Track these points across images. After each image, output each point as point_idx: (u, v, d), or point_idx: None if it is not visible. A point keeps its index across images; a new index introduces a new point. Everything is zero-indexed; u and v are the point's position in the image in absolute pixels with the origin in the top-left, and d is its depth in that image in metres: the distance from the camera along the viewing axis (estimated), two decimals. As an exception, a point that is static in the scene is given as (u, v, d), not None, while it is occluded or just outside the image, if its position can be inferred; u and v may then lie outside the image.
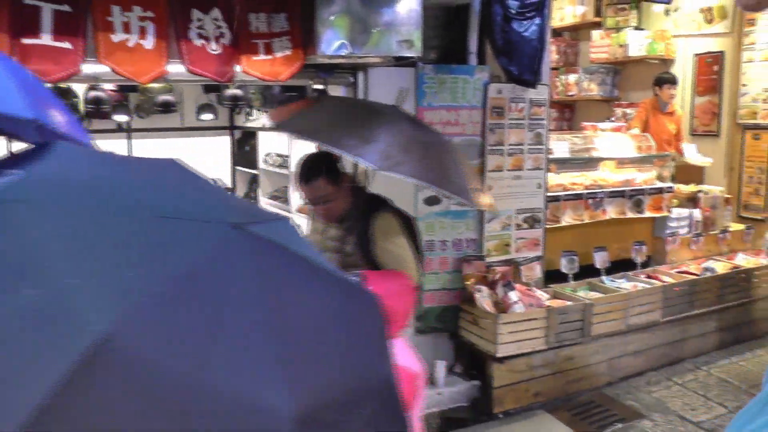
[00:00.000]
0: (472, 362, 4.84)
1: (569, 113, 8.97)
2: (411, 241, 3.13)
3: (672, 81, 7.01)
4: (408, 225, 3.20)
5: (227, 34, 3.70)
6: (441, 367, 4.75)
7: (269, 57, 3.81)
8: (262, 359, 0.94)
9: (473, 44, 4.73)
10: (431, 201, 4.71)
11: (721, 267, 5.96)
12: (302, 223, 5.25)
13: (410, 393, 2.04)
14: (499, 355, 4.51)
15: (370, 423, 1.10)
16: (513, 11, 4.45)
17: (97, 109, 5.59)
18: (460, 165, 3.02)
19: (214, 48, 3.66)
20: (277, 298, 1.03)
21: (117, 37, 3.38)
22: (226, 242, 1.00)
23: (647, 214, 5.94)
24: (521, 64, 4.50)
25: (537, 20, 4.53)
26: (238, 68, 3.81)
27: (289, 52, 3.87)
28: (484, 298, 4.66)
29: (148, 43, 3.47)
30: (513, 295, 4.61)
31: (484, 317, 4.58)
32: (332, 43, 3.75)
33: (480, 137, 4.79)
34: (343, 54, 3.80)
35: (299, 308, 1.06)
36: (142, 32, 3.44)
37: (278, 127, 3.37)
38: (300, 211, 5.73)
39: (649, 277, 5.64)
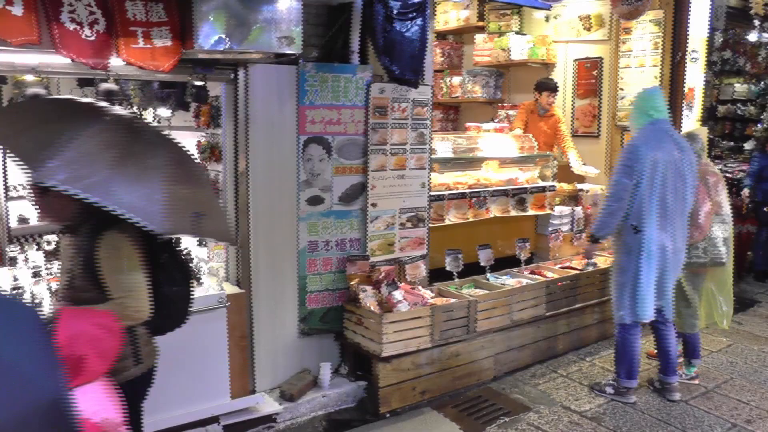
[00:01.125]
0: (358, 363, 4.82)
1: (454, 114, 9.08)
2: (158, 267, 2.75)
3: (552, 89, 7.23)
4: (155, 249, 2.76)
5: (102, 21, 3.56)
6: (326, 369, 4.70)
7: (149, 46, 3.69)
8: None
9: (356, 43, 4.72)
10: (314, 201, 4.66)
11: (602, 261, 6.16)
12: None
13: None
14: (385, 354, 4.49)
15: None
16: (395, 11, 4.46)
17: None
18: (177, 186, 2.56)
19: (88, 34, 3.51)
20: None
21: (-22, -1, 3.19)
22: None
23: (530, 212, 6.08)
24: (403, 64, 4.51)
25: (418, 21, 4.56)
26: (120, 62, 3.66)
27: (169, 42, 3.75)
28: (368, 297, 4.64)
29: (17, 9, 3.30)
30: (397, 294, 4.60)
31: (368, 317, 4.56)
32: (210, 37, 3.68)
33: (363, 136, 4.77)
34: (221, 49, 3.73)
35: None
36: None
37: None
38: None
39: (533, 273, 5.77)
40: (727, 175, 8.27)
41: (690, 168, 4.68)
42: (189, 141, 5.25)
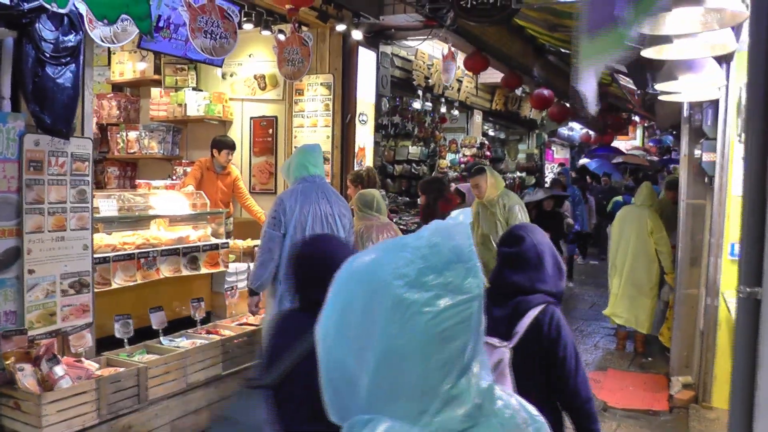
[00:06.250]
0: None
1: (132, 171, 8.66)
2: None
3: (230, 146, 7.29)
4: None
5: None
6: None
7: None
8: None
9: (6, 88, 4.25)
10: (-44, 269, 4.07)
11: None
12: None
13: None
14: (46, 438, 4.01)
15: None
16: (47, 55, 4.12)
17: None
18: None
19: None
20: None
21: None
22: None
23: (203, 270, 5.93)
24: (54, 113, 4.17)
25: (72, 67, 4.27)
26: None
27: None
28: (27, 377, 4.12)
29: None
30: (59, 370, 4.16)
31: (26, 399, 4.04)
32: None
33: (17, 194, 4.28)
34: None
35: None
36: None
37: None
38: None
39: (209, 332, 5.60)
40: (402, 227, 8.89)
41: (341, 221, 4.94)
42: None
